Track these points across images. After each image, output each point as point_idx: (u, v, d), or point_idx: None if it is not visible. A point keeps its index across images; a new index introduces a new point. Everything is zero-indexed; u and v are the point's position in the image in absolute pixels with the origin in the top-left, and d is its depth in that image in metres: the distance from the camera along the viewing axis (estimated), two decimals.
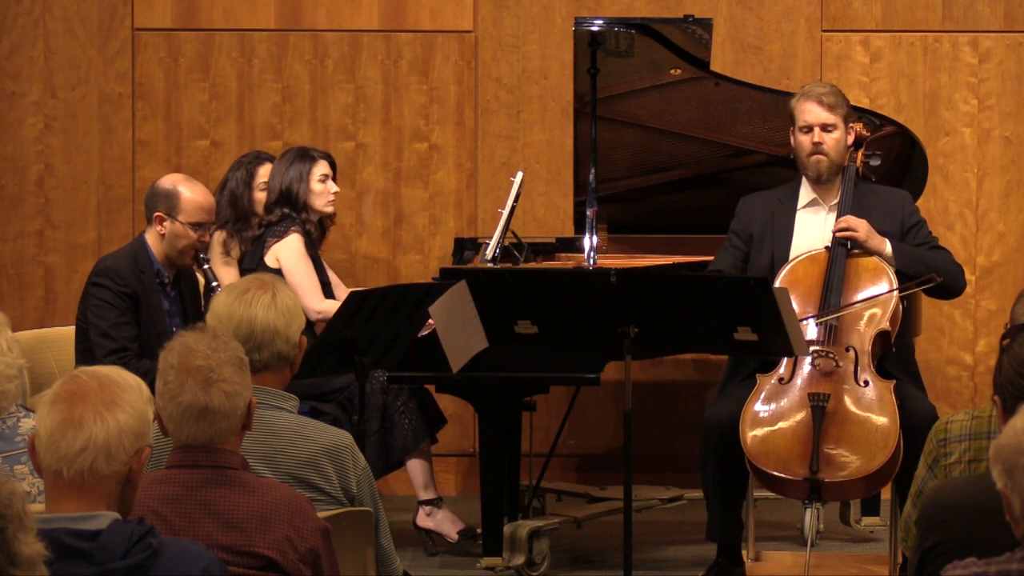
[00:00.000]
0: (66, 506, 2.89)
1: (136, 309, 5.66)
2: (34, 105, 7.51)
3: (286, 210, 6.35)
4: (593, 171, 6.29)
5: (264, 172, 6.57)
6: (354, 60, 7.51)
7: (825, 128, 5.79)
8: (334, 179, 6.48)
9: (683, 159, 6.64)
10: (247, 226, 6.55)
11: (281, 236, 6.31)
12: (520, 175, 6.39)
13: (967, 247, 7.41)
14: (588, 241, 6.25)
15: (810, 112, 5.81)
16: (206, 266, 5.78)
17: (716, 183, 6.66)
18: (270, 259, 6.29)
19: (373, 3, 7.51)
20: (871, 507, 6.50)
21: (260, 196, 6.55)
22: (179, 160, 7.49)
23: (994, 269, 7.48)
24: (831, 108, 5.80)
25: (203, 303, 5.96)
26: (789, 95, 6.55)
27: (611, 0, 7.48)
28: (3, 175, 7.52)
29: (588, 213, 6.26)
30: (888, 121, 6.48)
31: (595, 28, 6.34)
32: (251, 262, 6.34)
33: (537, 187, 7.45)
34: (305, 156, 6.44)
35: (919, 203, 6.62)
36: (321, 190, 6.40)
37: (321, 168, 6.42)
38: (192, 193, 5.73)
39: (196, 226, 5.71)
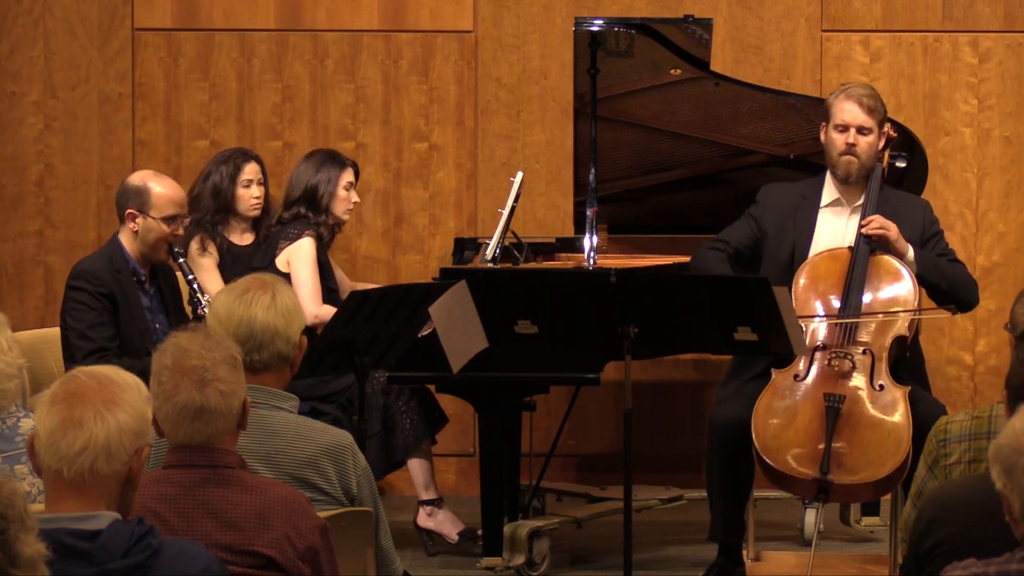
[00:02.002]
0: (66, 506, 2.89)
1: (115, 309, 5.66)
2: (34, 105, 7.51)
3: (302, 210, 6.34)
4: (593, 171, 6.29)
5: (249, 170, 6.55)
6: (354, 60, 7.50)
7: (861, 131, 5.76)
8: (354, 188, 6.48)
9: (683, 159, 6.63)
10: (225, 219, 6.53)
11: (294, 239, 6.29)
12: (520, 175, 6.39)
13: (967, 247, 7.41)
14: (588, 241, 6.25)
15: (848, 112, 5.77)
16: (181, 260, 5.79)
17: (716, 183, 6.66)
18: (281, 262, 6.27)
19: (373, 3, 7.51)
20: (871, 507, 6.50)
21: (242, 192, 6.53)
22: (179, 160, 7.49)
23: (994, 269, 7.48)
24: (870, 111, 5.76)
25: (185, 297, 5.96)
26: (789, 95, 6.57)
27: (611, 0, 7.48)
28: (3, 175, 7.51)
29: (588, 213, 6.26)
30: (888, 121, 6.47)
31: (595, 28, 6.33)
32: (262, 261, 6.33)
33: (537, 187, 7.45)
34: (335, 160, 6.43)
35: None
36: (344, 197, 6.40)
37: (348, 176, 6.42)
38: (162, 187, 5.74)
39: (168, 220, 5.71)
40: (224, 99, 7.52)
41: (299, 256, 6.29)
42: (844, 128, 5.77)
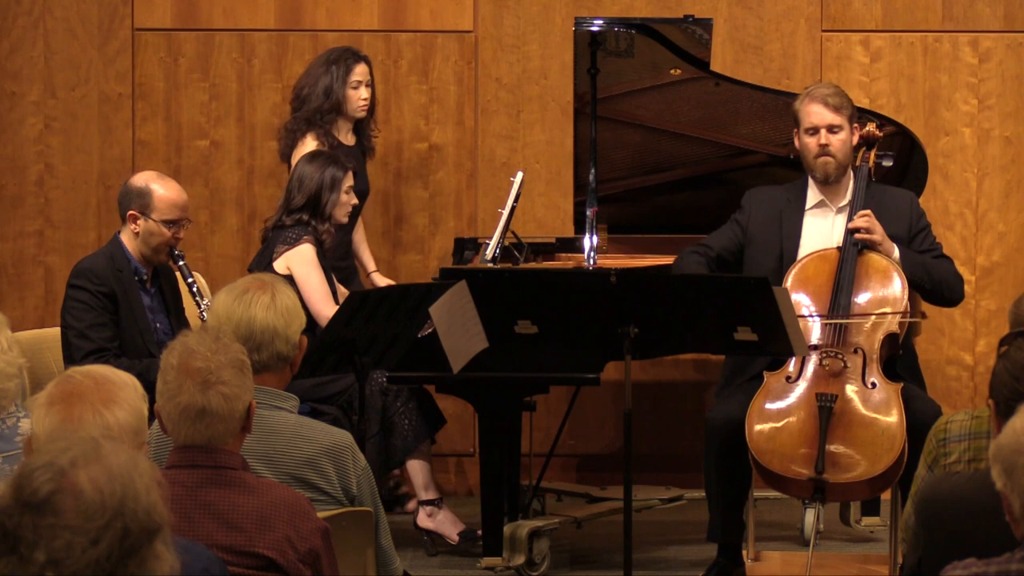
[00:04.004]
0: None
1: (115, 309, 5.65)
2: (34, 105, 7.51)
3: (304, 217, 6.28)
4: (593, 171, 6.29)
5: (359, 71, 6.76)
6: None
7: (831, 130, 5.77)
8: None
9: (683, 159, 6.64)
10: (333, 120, 6.75)
11: (293, 244, 6.24)
12: (520, 175, 6.38)
13: (967, 247, 7.41)
14: (588, 241, 6.25)
15: (816, 114, 5.78)
16: (182, 263, 5.77)
17: (716, 183, 6.66)
18: (279, 266, 6.22)
19: (373, 3, 7.51)
20: (871, 507, 6.50)
21: (351, 94, 6.73)
22: (179, 160, 7.49)
23: (994, 269, 7.48)
24: (836, 109, 5.78)
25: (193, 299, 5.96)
26: (789, 95, 6.55)
27: (611, 0, 7.48)
28: (3, 175, 7.51)
29: (588, 213, 6.26)
30: (888, 121, 6.47)
31: (595, 28, 6.34)
32: (258, 266, 6.28)
33: (537, 187, 7.45)
34: (337, 164, 6.35)
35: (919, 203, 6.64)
36: (345, 201, 6.36)
37: (349, 180, 6.37)
38: (165, 191, 5.73)
39: (170, 223, 5.70)
40: (224, 99, 7.51)
41: (303, 261, 6.23)
42: (814, 131, 5.78)
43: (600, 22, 6.41)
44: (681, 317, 5.16)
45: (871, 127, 5.90)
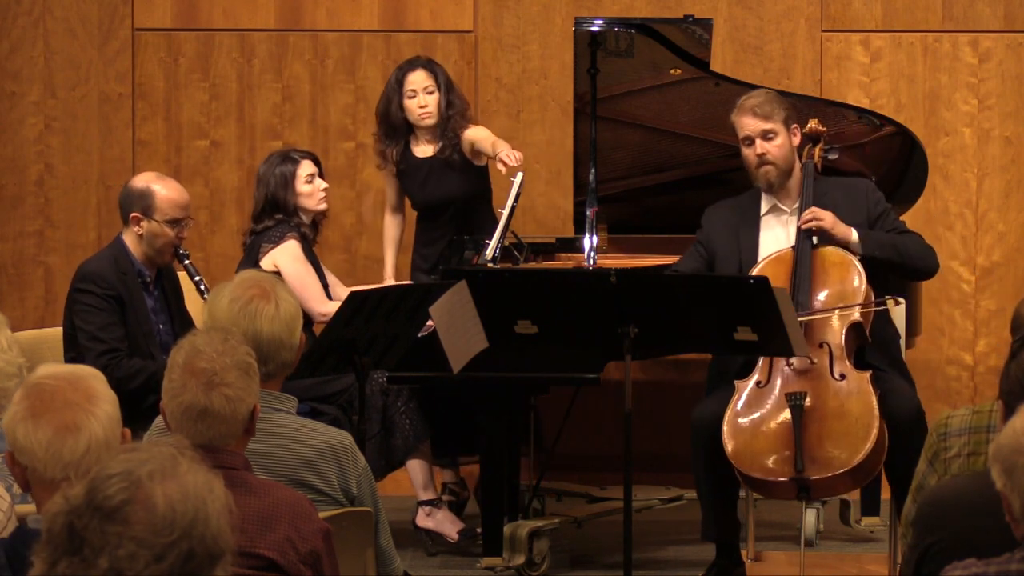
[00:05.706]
0: None
1: (122, 311, 5.64)
2: (34, 105, 7.51)
3: (278, 216, 6.29)
4: (593, 171, 6.29)
5: (411, 80, 6.54)
6: (354, 60, 7.50)
7: (766, 137, 5.75)
8: (321, 175, 6.43)
9: (683, 159, 6.64)
10: (407, 133, 6.62)
11: (277, 242, 6.24)
12: (520, 175, 6.38)
13: (967, 247, 7.41)
14: (588, 241, 6.25)
15: (747, 125, 5.75)
16: (187, 262, 5.76)
17: (716, 183, 6.65)
18: (266, 263, 6.22)
19: (373, 3, 7.51)
20: (871, 507, 6.49)
21: (408, 104, 6.56)
22: (179, 160, 7.49)
23: (994, 269, 7.48)
24: (766, 117, 5.74)
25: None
26: (790, 95, 6.56)
27: (611, 0, 7.48)
28: (3, 175, 7.52)
29: (588, 213, 6.26)
30: (888, 121, 6.48)
31: (595, 28, 6.34)
32: (244, 267, 6.27)
33: (537, 187, 7.45)
34: (287, 159, 6.34)
35: (919, 203, 6.64)
36: (309, 191, 6.33)
37: (305, 168, 6.34)
38: (166, 190, 5.71)
39: (173, 223, 5.69)
40: (224, 99, 7.52)
41: (290, 258, 6.22)
42: (750, 141, 5.76)
43: (600, 22, 6.41)
44: (681, 317, 5.16)
45: (813, 123, 5.88)
